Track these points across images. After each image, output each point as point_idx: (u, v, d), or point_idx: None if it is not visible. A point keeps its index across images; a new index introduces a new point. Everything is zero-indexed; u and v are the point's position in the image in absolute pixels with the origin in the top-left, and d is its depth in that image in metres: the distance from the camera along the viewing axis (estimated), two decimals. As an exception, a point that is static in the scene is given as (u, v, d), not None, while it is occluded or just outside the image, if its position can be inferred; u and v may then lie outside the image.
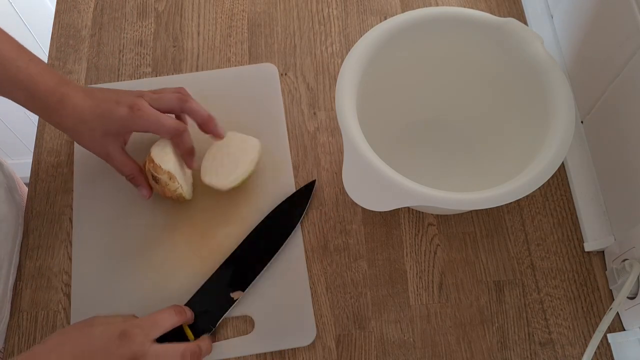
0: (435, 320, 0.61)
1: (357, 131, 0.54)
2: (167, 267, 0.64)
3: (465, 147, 0.68)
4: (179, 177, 0.61)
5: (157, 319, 0.54)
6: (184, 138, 0.61)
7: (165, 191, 0.61)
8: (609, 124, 0.61)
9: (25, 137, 1.51)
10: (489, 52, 0.61)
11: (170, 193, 0.62)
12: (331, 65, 0.75)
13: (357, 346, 0.61)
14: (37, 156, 0.71)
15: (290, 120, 0.71)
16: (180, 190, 0.62)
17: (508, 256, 0.64)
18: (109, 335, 0.50)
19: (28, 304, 0.63)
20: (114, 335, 0.50)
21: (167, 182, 0.60)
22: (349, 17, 0.78)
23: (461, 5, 0.78)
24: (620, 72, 0.56)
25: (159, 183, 0.60)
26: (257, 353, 0.60)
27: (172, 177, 0.60)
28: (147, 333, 0.52)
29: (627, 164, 0.57)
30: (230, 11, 0.79)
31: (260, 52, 0.76)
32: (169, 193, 0.62)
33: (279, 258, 0.64)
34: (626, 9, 0.53)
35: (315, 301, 0.62)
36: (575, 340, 0.60)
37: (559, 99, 0.55)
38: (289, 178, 0.68)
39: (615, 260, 0.60)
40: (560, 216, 0.65)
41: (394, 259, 0.64)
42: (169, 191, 0.61)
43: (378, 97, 0.63)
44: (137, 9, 0.80)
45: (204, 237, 0.65)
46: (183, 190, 0.62)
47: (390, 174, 0.52)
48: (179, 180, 0.61)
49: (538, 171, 0.52)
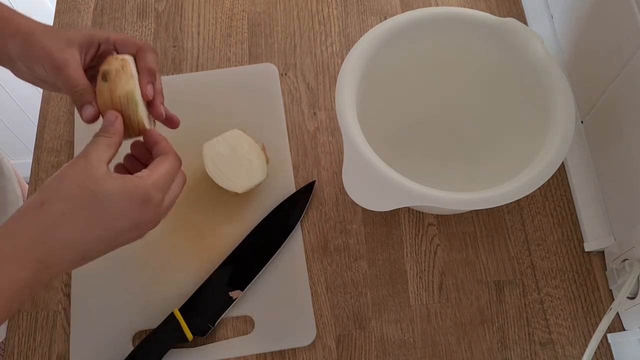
0: (436, 320, 0.61)
1: (357, 131, 0.54)
2: (167, 266, 0.64)
3: (465, 147, 0.68)
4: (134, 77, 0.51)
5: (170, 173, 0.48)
6: (149, 54, 0.53)
7: (114, 97, 0.49)
8: (609, 124, 0.61)
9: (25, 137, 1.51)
10: (489, 52, 0.61)
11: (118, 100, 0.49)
12: (331, 65, 0.75)
13: (357, 346, 0.61)
14: (37, 156, 0.71)
15: (290, 120, 0.71)
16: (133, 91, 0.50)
17: (508, 256, 0.64)
18: (130, 201, 0.44)
19: (28, 304, 0.63)
20: (135, 201, 0.44)
21: (118, 71, 0.50)
22: (349, 17, 0.78)
23: (461, 5, 0.78)
24: (620, 72, 0.56)
25: (107, 79, 0.49)
26: (257, 353, 0.60)
27: (125, 66, 0.50)
28: (164, 191, 0.47)
29: (627, 164, 0.57)
30: (230, 11, 0.79)
31: (260, 52, 0.76)
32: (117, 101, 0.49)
33: (278, 258, 0.64)
34: (626, 9, 0.53)
35: (315, 301, 0.62)
36: (575, 340, 0.60)
37: (559, 99, 0.55)
38: (289, 178, 0.68)
39: (615, 260, 0.60)
40: (560, 216, 0.65)
41: (394, 259, 0.64)
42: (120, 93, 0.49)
43: (378, 97, 0.63)
44: (137, 9, 0.80)
45: (204, 237, 0.65)
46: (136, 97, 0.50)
47: (390, 174, 0.52)
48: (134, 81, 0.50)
49: (538, 171, 0.52)
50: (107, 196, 0.43)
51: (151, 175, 0.46)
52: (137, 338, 0.61)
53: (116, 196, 0.43)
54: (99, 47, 0.54)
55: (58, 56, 0.51)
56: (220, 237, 0.65)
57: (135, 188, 0.44)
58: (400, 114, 0.68)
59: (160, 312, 0.61)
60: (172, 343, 0.59)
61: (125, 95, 0.49)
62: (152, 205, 0.45)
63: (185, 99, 0.72)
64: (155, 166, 0.47)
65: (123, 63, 0.50)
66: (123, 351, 0.59)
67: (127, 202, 0.44)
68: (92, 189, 0.43)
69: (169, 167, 0.47)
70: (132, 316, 0.62)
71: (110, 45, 0.54)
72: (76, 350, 0.60)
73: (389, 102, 0.65)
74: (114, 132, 0.47)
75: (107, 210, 0.43)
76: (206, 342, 0.61)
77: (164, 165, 0.47)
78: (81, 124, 0.71)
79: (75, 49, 0.52)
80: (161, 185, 0.46)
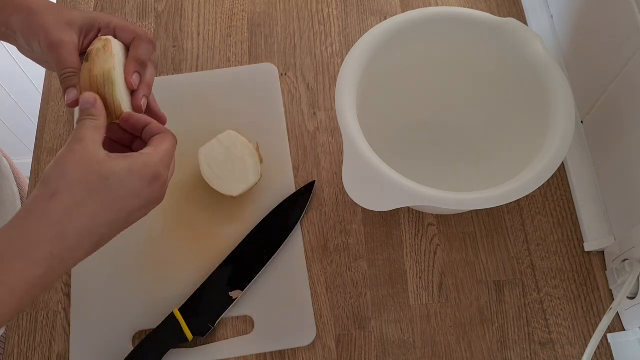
0: (435, 320, 0.61)
1: (357, 131, 0.54)
2: (167, 266, 0.64)
3: (465, 147, 0.68)
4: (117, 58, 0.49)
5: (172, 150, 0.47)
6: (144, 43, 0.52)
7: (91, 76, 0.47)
8: (609, 124, 0.61)
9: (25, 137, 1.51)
10: (489, 52, 0.61)
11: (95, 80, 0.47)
12: (331, 65, 0.75)
13: (357, 346, 0.61)
14: (37, 156, 0.71)
15: (290, 120, 0.71)
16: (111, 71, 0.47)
17: (508, 256, 0.64)
18: (140, 180, 0.44)
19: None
20: (145, 182, 0.44)
21: (99, 50, 0.48)
22: (349, 17, 0.78)
23: (461, 5, 0.78)
24: (620, 72, 0.56)
25: (88, 59, 0.48)
26: (257, 353, 0.60)
27: (107, 46, 0.48)
28: (169, 168, 0.47)
29: (627, 164, 0.57)
30: (230, 11, 0.79)
31: (260, 52, 0.76)
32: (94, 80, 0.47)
33: (278, 258, 0.64)
34: (626, 9, 0.53)
35: (315, 301, 0.62)
36: (575, 340, 0.60)
37: (559, 99, 0.55)
38: (289, 178, 0.68)
39: (615, 260, 0.60)
40: (560, 216, 0.65)
41: (394, 259, 0.64)
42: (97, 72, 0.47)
43: (378, 97, 0.63)
44: (137, 9, 0.80)
45: (204, 237, 0.65)
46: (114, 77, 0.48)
47: (390, 174, 0.52)
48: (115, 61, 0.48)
49: (538, 171, 0.52)
50: (117, 177, 0.42)
51: (157, 152, 0.46)
52: (137, 338, 0.61)
53: (126, 176, 0.43)
54: (99, 32, 0.53)
55: (55, 35, 0.50)
56: (220, 237, 0.65)
57: (144, 166, 0.44)
58: (400, 114, 0.68)
59: (160, 312, 0.61)
60: (172, 343, 0.59)
61: (102, 74, 0.47)
62: (161, 183, 0.45)
63: (185, 99, 0.72)
64: (158, 144, 0.46)
65: (105, 43, 0.49)
66: (123, 351, 0.59)
67: (138, 181, 0.43)
68: (100, 172, 0.42)
69: (170, 145, 0.47)
70: (132, 316, 0.62)
71: (110, 30, 0.52)
72: (76, 350, 0.60)
73: (389, 102, 0.65)
74: (97, 114, 0.46)
75: (119, 192, 0.42)
76: (206, 342, 0.61)
77: (167, 143, 0.47)
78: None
79: (75, 31, 0.51)
80: (167, 162, 0.46)
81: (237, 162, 0.63)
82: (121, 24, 0.52)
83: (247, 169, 0.63)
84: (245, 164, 0.63)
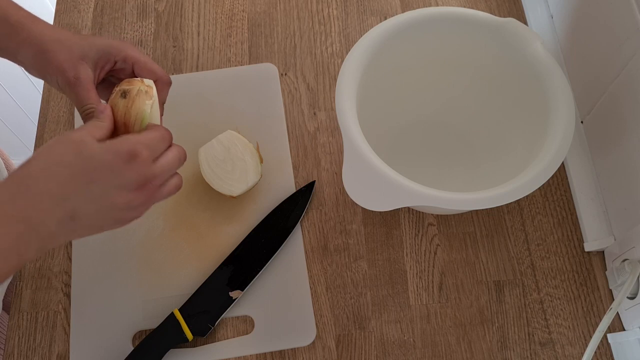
0: (435, 320, 0.61)
1: (357, 131, 0.54)
2: (167, 267, 0.64)
3: (465, 147, 0.68)
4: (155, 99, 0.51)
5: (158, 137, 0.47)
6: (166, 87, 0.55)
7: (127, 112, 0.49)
8: (609, 124, 0.61)
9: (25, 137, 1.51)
10: (489, 52, 0.61)
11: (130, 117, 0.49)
12: (331, 65, 0.75)
13: (357, 346, 0.61)
14: (37, 156, 0.71)
15: (290, 120, 0.71)
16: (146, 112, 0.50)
17: (508, 256, 0.64)
18: (114, 154, 0.43)
19: (28, 304, 0.63)
20: (119, 157, 0.43)
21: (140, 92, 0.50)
22: (349, 17, 0.78)
23: (461, 5, 0.78)
24: (620, 72, 0.56)
25: (126, 96, 0.49)
26: (257, 353, 0.60)
27: (149, 92, 0.50)
28: (154, 151, 0.46)
29: (627, 164, 0.57)
30: (230, 11, 0.79)
31: (260, 52, 0.76)
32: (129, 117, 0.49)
33: (278, 258, 0.64)
34: (626, 9, 0.53)
35: (315, 301, 0.62)
36: (575, 340, 0.60)
37: (559, 99, 0.55)
38: (289, 178, 0.68)
39: (615, 260, 0.60)
40: (560, 216, 0.65)
41: (394, 259, 0.64)
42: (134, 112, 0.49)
43: (378, 97, 0.63)
44: (137, 9, 0.80)
45: (204, 237, 0.65)
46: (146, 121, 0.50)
47: (390, 174, 0.52)
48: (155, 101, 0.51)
49: (538, 171, 0.52)
50: (92, 150, 0.42)
51: (140, 134, 0.46)
52: (137, 338, 0.61)
53: (100, 150, 0.43)
54: (115, 64, 0.54)
55: (70, 74, 0.51)
56: (220, 237, 0.65)
57: (119, 143, 0.44)
58: (400, 114, 0.68)
59: (160, 312, 0.61)
60: (172, 343, 0.59)
61: (137, 114, 0.49)
62: (139, 162, 0.44)
63: (185, 99, 0.72)
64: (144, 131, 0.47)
65: (148, 89, 0.51)
66: (123, 351, 0.59)
67: (112, 155, 0.43)
68: (77, 147, 0.42)
69: (156, 133, 0.47)
70: (132, 316, 0.62)
71: (128, 65, 0.53)
72: (76, 350, 0.60)
73: (389, 102, 0.65)
74: (104, 117, 0.47)
75: (91, 162, 0.42)
76: (206, 342, 0.61)
77: (152, 130, 0.47)
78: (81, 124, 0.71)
79: (89, 65, 0.52)
80: (148, 143, 0.45)
81: (237, 162, 0.63)
82: (139, 61, 0.53)
83: (247, 169, 0.63)
84: (245, 164, 0.63)
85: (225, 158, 0.64)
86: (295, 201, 0.66)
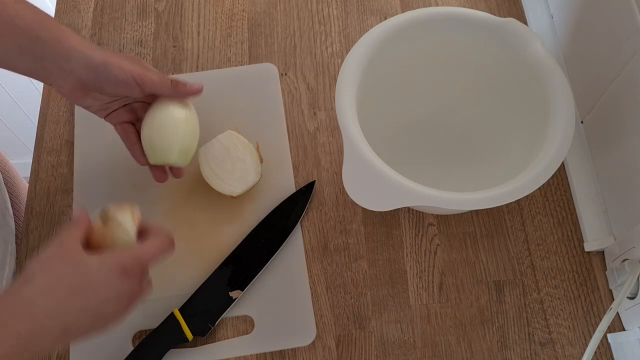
0: (435, 320, 0.61)
1: (357, 131, 0.54)
2: (167, 267, 0.63)
3: (465, 147, 0.68)
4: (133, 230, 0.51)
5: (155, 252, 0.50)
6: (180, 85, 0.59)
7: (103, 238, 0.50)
8: (609, 124, 0.61)
9: (25, 137, 1.51)
10: (489, 52, 0.61)
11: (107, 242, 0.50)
12: (331, 65, 0.75)
13: (357, 346, 0.61)
14: (37, 156, 0.71)
15: (290, 120, 0.71)
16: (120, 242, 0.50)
17: (508, 256, 0.64)
18: (109, 270, 0.46)
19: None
20: (114, 271, 0.46)
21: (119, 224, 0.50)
22: (349, 17, 0.78)
23: (461, 5, 0.78)
24: (620, 72, 0.56)
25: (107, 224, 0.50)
26: (257, 353, 0.60)
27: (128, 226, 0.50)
28: (144, 267, 0.49)
29: (627, 164, 0.57)
30: (230, 11, 0.79)
31: (260, 52, 0.76)
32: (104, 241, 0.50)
33: (278, 258, 0.64)
34: (626, 10, 0.53)
35: (315, 301, 0.62)
36: (575, 340, 0.60)
37: (559, 99, 0.55)
38: (289, 178, 0.68)
39: (615, 260, 0.60)
40: (560, 216, 0.65)
41: (394, 259, 0.64)
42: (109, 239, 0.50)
43: (378, 97, 0.63)
44: (137, 9, 0.80)
45: (204, 237, 0.65)
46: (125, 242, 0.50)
47: (390, 174, 0.52)
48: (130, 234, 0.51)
49: (538, 171, 0.52)
50: (88, 266, 0.45)
51: (132, 250, 0.48)
52: (137, 338, 0.61)
53: (96, 266, 0.45)
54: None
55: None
56: (220, 237, 0.65)
57: (113, 259, 0.46)
58: (400, 114, 0.68)
59: (160, 312, 0.61)
60: (172, 343, 0.59)
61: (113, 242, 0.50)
62: (131, 277, 0.47)
63: (185, 99, 0.72)
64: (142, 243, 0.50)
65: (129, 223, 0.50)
66: (123, 351, 0.59)
67: (107, 271, 0.46)
68: (74, 263, 0.45)
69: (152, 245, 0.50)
70: (132, 316, 0.61)
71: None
72: (76, 350, 0.60)
73: (389, 102, 0.65)
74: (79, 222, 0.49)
75: (87, 278, 0.45)
76: (206, 342, 0.61)
77: (149, 243, 0.50)
78: (81, 124, 0.71)
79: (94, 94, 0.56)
80: (139, 258, 0.48)
81: (237, 162, 0.63)
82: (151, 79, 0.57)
83: (247, 169, 0.63)
84: (245, 164, 0.63)
85: (225, 158, 0.64)
86: (295, 201, 0.66)
